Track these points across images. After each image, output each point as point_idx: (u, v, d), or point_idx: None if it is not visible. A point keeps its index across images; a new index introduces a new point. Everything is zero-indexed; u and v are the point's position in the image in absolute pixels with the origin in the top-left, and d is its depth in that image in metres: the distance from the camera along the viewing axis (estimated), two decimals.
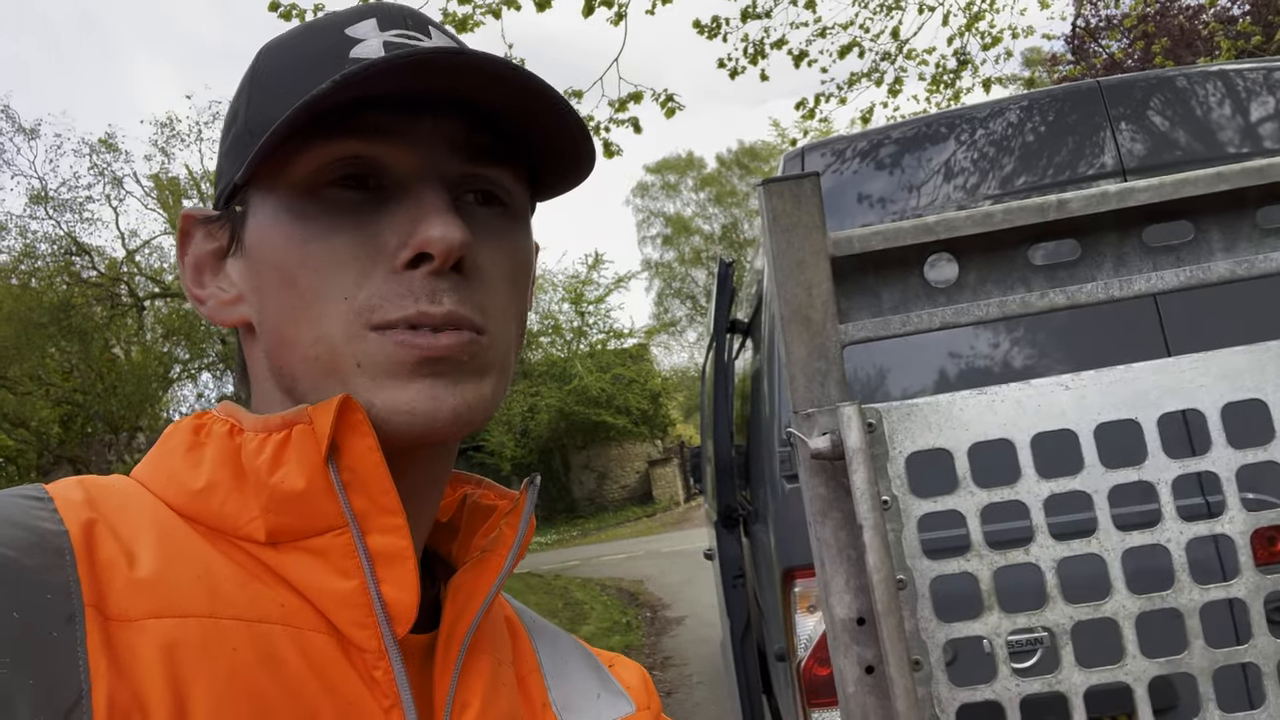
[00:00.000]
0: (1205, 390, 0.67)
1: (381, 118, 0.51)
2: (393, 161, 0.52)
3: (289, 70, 0.54)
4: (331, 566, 0.49)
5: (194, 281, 0.58)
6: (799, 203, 0.66)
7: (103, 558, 0.44)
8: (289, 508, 0.49)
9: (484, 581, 0.56)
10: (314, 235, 0.51)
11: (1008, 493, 0.68)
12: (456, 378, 0.52)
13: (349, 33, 0.53)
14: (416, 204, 0.51)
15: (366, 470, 0.49)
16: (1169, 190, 0.66)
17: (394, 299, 0.50)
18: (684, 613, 9.02)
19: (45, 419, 17.57)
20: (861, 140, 2.45)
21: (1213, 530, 0.68)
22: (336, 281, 0.51)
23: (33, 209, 18.46)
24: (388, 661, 0.49)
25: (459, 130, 0.53)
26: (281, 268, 0.52)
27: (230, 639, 0.45)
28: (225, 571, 0.48)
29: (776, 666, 2.44)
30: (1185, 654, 0.67)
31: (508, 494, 0.64)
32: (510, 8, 4.88)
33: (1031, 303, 0.67)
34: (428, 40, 0.54)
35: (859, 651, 0.65)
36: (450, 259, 0.50)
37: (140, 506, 0.49)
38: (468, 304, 0.52)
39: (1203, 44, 10.06)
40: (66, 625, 0.41)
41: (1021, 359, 2.21)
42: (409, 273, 0.51)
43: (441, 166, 0.53)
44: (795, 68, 6.61)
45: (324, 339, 0.51)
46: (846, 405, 0.63)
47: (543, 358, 23.28)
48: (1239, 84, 2.39)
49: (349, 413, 0.49)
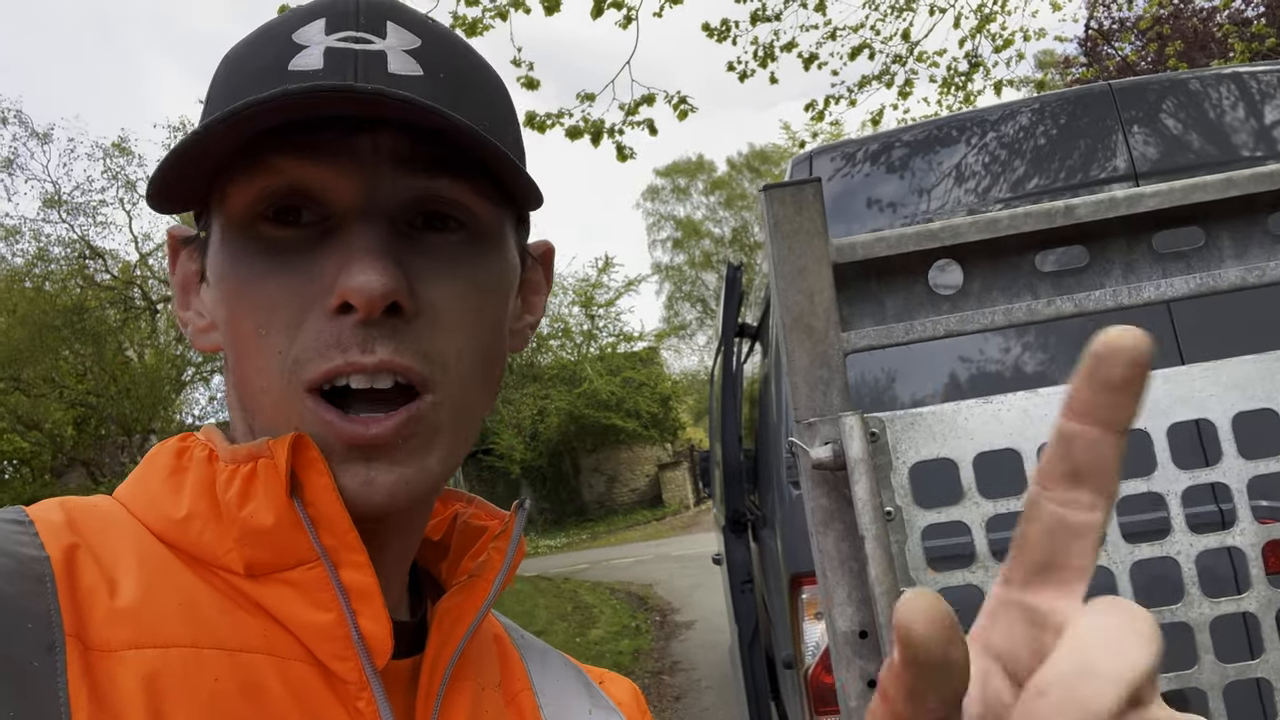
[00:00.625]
0: (1216, 399, 0.66)
1: (313, 138, 0.48)
2: (328, 188, 0.49)
3: (230, 85, 0.51)
4: (308, 599, 0.48)
5: (181, 303, 0.57)
6: (801, 208, 0.65)
7: (84, 585, 0.43)
8: (261, 542, 0.48)
9: (470, 607, 0.55)
10: (249, 279, 0.49)
11: (1014, 504, 0.67)
12: (394, 459, 0.49)
13: (295, 38, 0.50)
14: (346, 243, 0.48)
15: (326, 508, 0.48)
16: (1178, 195, 0.65)
17: (322, 350, 0.48)
18: (693, 617, 8.99)
19: (59, 421, 17.68)
20: (871, 143, 2.43)
21: (1223, 542, 0.67)
22: (271, 332, 0.49)
23: (46, 213, 18.59)
24: (370, 693, 0.48)
25: (402, 144, 0.49)
26: (226, 309, 0.51)
27: (212, 669, 0.44)
28: (207, 600, 0.47)
29: (784, 673, 2.43)
30: (1195, 669, 0.65)
31: (498, 514, 0.62)
32: (519, 10, 4.88)
33: (1038, 310, 0.66)
34: (378, 40, 0.50)
35: (861, 665, 0.64)
36: (375, 309, 0.47)
37: (122, 531, 0.48)
38: (407, 351, 0.49)
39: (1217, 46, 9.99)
40: (47, 655, 0.40)
41: (1033, 367, 2.19)
42: (341, 319, 0.48)
43: (384, 189, 0.49)
44: (805, 70, 6.59)
45: (268, 392, 0.50)
46: (849, 415, 0.62)
47: (553, 361, 23.29)
48: (1253, 86, 2.36)
49: (304, 449, 0.48)
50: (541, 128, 5.28)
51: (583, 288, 23.75)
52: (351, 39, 0.50)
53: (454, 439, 0.52)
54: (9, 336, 16.74)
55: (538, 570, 14.23)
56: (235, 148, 0.48)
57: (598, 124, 5.42)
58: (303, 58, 0.49)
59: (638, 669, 7.21)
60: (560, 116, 5.37)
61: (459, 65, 0.53)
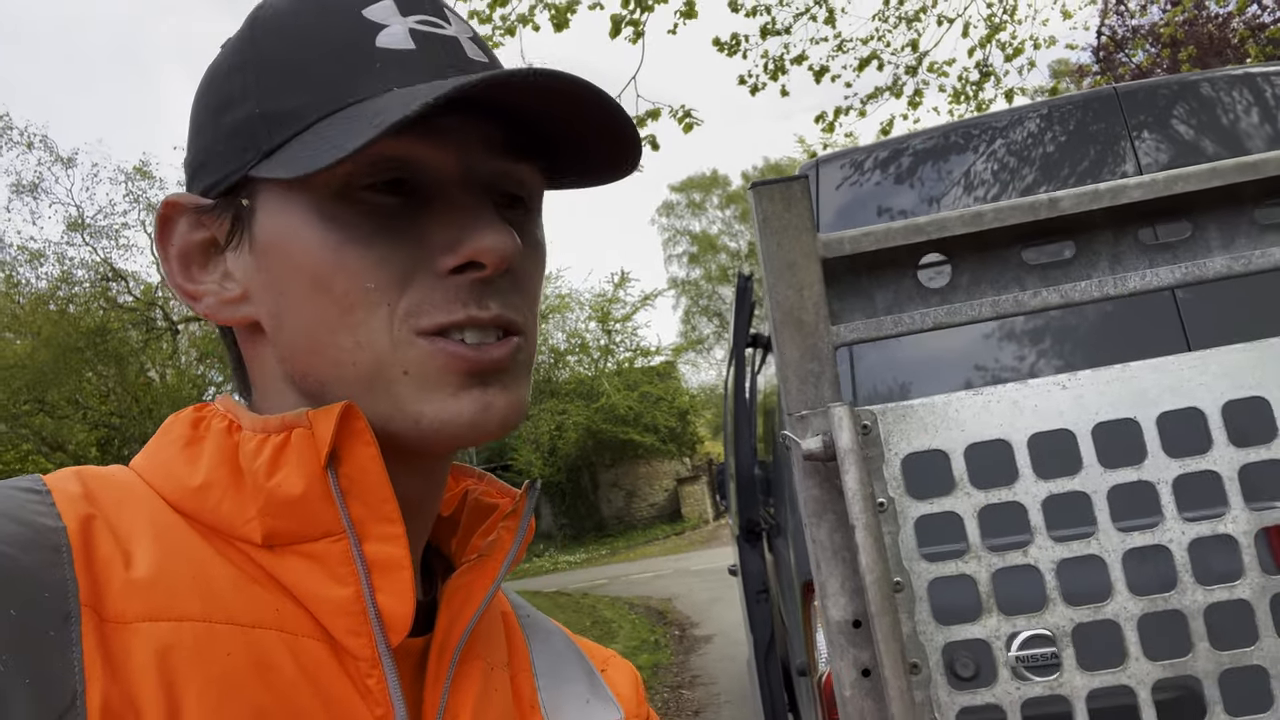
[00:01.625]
0: (1205, 388, 0.67)
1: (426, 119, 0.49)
2: (429, 163, 0.51)
3: (310, 59, 0.51)
4: (327, 573, 0.49)
5: (182, 274, 0.55)
6: (789, 205, 0.66)
7: (100, 556, 0.44)
8: (286, 512, 0.49)
9: (479, 586, 0.55)
10: (350, 240, 0.50)
11: (1005, 494, 0.67)
12: (505, 384, 0.52)
13: (367, 15, 0.51)
14: (460, 210, 0.51)
15: (368, 478, 0.49)
16: (1161, 187, 0.66)
17: (441, 304, 0.50)
18: (712, 631, 8.95)
19: (83, 442, 17.88)
20: (878, 151, 2.44)
21: (1215, 530, 0.67)
22: (377, 287, 0.50)
23: (70, 236, 18.88)
24: (381, 670, 0.49)
25: (495, 129, 0.52)
26: (313, 272, 0.50)
27: (224, 644, 0.44)
28: (221, 573, 0.47)
29: (800, 681, 2.42)
30: (1190, 656, 0.65)
31: (509, 491, 0.63)
32: (527, 26, 4.93)
33: (1025, 302, 0.67)
34: (447, 26, 0.53)
35: (855, 654, 0.65)
36: (503, 268, 0.51)
37: (137, 502, 0.49)
38: (511, 307, 0.53)
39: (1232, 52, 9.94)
40: (63, 625, 0.41)
41: (1036, 361, 2.19)
42: (454, 278, 0.51)
43: (477, 167, 0.52)
44: (817, 83, 6.61)
45: (367, 345, 0.50)
46: (838, 406, 0.63)
47: (570, 376, 23.32)
48: (1263, 88, 2.35)
49: (352, 419, 0.49)
50: None
51: (599, 303, 23.79)
52: (427, 22, 0.52)
53: (530, 380, 0.57)
54: (33, 359, 16.98)
55: (557, 586, 14.22)
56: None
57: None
58: (388, 37, 0.51)
59: (657, 683, 7.18)
60: None
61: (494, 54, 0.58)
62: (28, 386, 16.94)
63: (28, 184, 18.58)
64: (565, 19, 4.88)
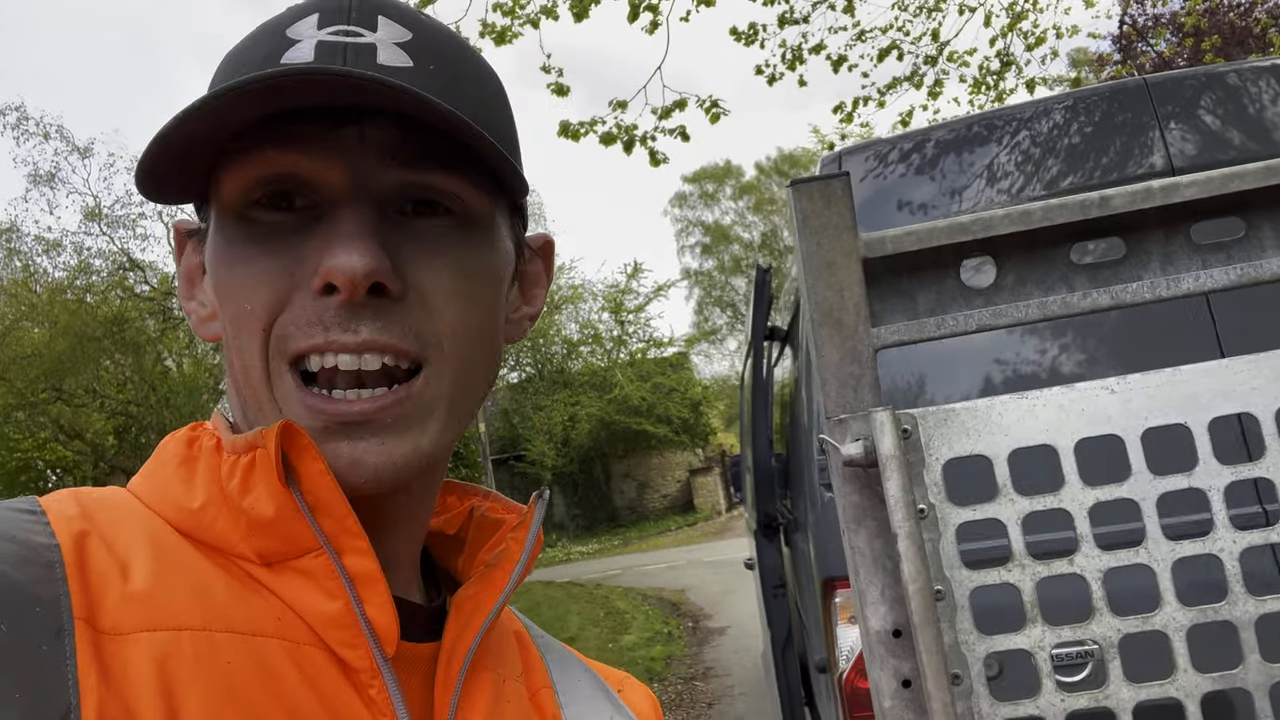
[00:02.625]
0: (1259, 392, 0.64)
1: (302, 129, 0.49)
2: (317, 176, 0.50)
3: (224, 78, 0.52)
4: (318, 587, 0.49)
5: (185, 294, 0.58)
6: (829, 203, 0.64)
7: (95, 571, 0.44)
8: (265, 531, 0.49)
9: (488, 596, 0.55)
10: (238, 259, 0.50)
11: (1051, 500, 0.65)
12: (381, 438, 0.50)
13: (288, 34, 0.51)
14: (333, 226, 0.49)
15: (323, 493, 0.49)
16: (1216, 185, 0.64)
17: (305, 327, 0.49)
18: (726, 623, 8.96)
19: (100, 430, 18.04)
20: (902, 143, 2.41)
21: (1269, 539, 0.65)
22: (254, 309, 0.50)
23: (87, 226, 18.99)
24: (382, 680, 0.49)
25: (389, 137, 0.50)
26: (219, 293, 0.52)
27: (225, 652, 0.44)
28: (221, 585, 0.47)
29: (818, 678, 2.41)
30: (1240, 669, 0.64)
31: (516, 508, 0.63)
32: (549, 18, 4.91)
33: (1073, 303, 0.65)
34: (369, 34, 0.51)
35: (895, 664, 0.63)
36: (357, 289, 0.47)
37: (134, 520, 0.49)
38: (395, 330, 0.49)
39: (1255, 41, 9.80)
40: (55, 639, 0.41)
41: (1067, 363, 2.16)
42: (325, 299, 0.48)
43: (371, 178, 0.50)
44: (835, 72, 6.56)
45: (250, 370, 0.51)
46: (880, 411, 0.62)
47: (583, 367, 23.34)
48: None
49: (294, 436, 0.48)
50: (576, 136, 5.31)
51: (612, 294, 23.78)
52: (343, 33, 0.51)
53: (448, 418, 0.53)
54: (51, 348, 17.11)
55: (570, 576, 14.26)
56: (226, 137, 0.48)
57: (630, 130, 5.44)
58: (295, 51, 0.50)
59: (670, 675, 7.19)
60: (594, 124, 5.41)
61: (449, 57, 0.54)
62: (45, 375, 17.08)
63: (45, 174, 18.69)
64: (586, 9, 4.86)
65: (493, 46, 4.91)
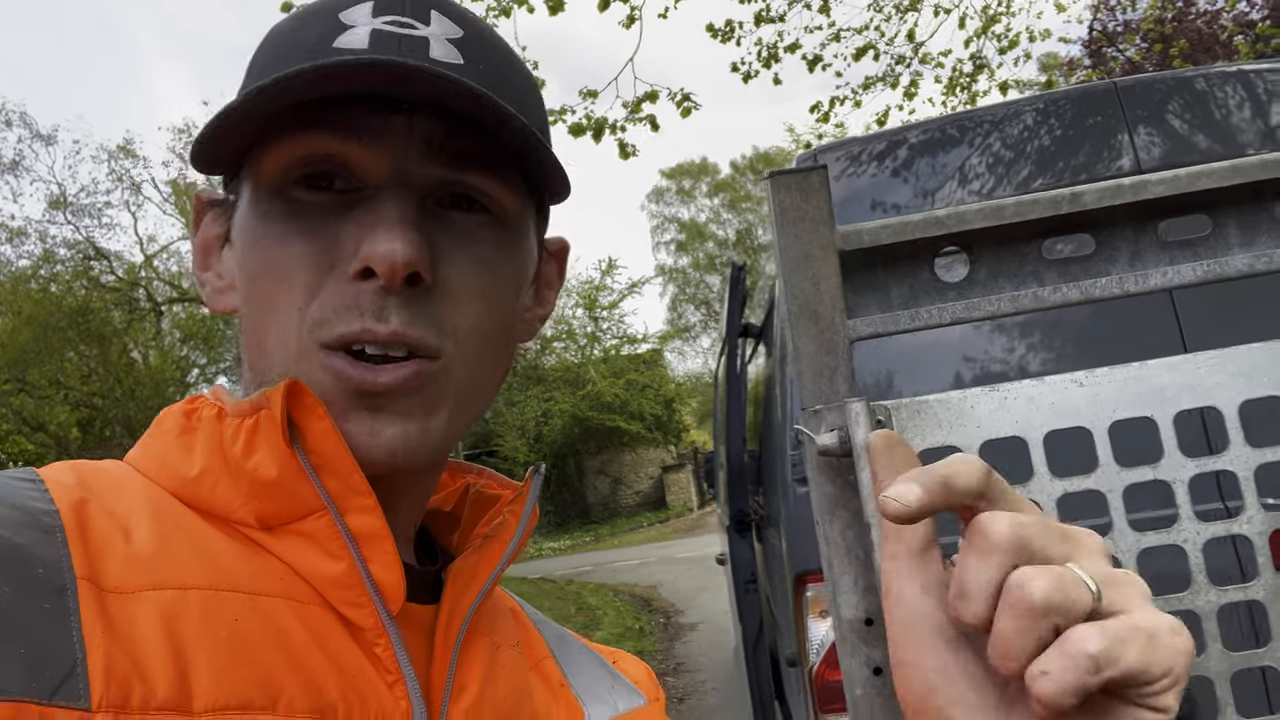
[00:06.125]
0: (1222, 387, 0.66)
1: (352, 115, 0.49)
2: (361, 162, 0.50)
3: (273, 56, 0.52)
4: (320, 549, 0.49)
5: (200, 264, 0.58)
6: (807, 196, 0.65)
7: (96, 534, 0.44)
8: (268, 493, 0.49)
9: (485, 566, 0.56)
10: (275, 238, 0.51)
11: (1019, 491, 0.66)
12: (399, 411, 0.50)
13: (342, 18, 0.51)
14: (374, 212, 0.49)
15: (329, 451, 0.49)
16: (1184, 183, 0.65)
17: (341, 312, 0.49)
18: (697, 619, 8.99)
19: (64, 422, 17.73)
20: (876, 142, 2.43)
21: (1230, 531, 0.66)
22: (291, 290, 0.50)
23: (52, 214, 18.66)
24: (388, 638, 0.49)
25: (438, 131, 0.51)
26: (249, 268, 0.52)
27: (232, 609, 0.45)
28: (224, 547, 0.48)
29: (789, 672, 2.42)
30: (1202, 657, 0.65)
31: (510, 484, 0.63)
32: (522, 8, 4.89)
33: (1044, 297, 0.66)
34: (422, 27, 0.52)
35: (867, 653, 0.64)
36: (396, 276, 0.48)
37: (134, 487, 0.49)
38: (420, 322, 0.50)
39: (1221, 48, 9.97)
40: (58, 597, 0.41)
41: (1033, 359, 2.19)
42: (361, 284, 0.49)
43: (413, 170, 0.51)
44: (810, 72, 6.59)
45: (280, 348, 0.51)
46: (854, 401, 0.62)
47: (556, 363, 23.29)
48: (1257, 85, 2.36)
49: (299, 395, 0.49)
50: None
51: (587, 289, 23.75)
52: (397, 23, 0.51)
53: (459, 407, 0.53)
54: (14, 338, 16.80)
55: (542, 572, 14.23)
56: (276, 116, 0.48)
57: (600, 120, 5.42)
58: (348, 36, 0.50)
59: None
60: (563, 113, 5.38)
61: (498, 59, 0.55)
62: (8, 366, 16.78)
63: (8, 162, 18.34)
64: (561, 2, 4.84)
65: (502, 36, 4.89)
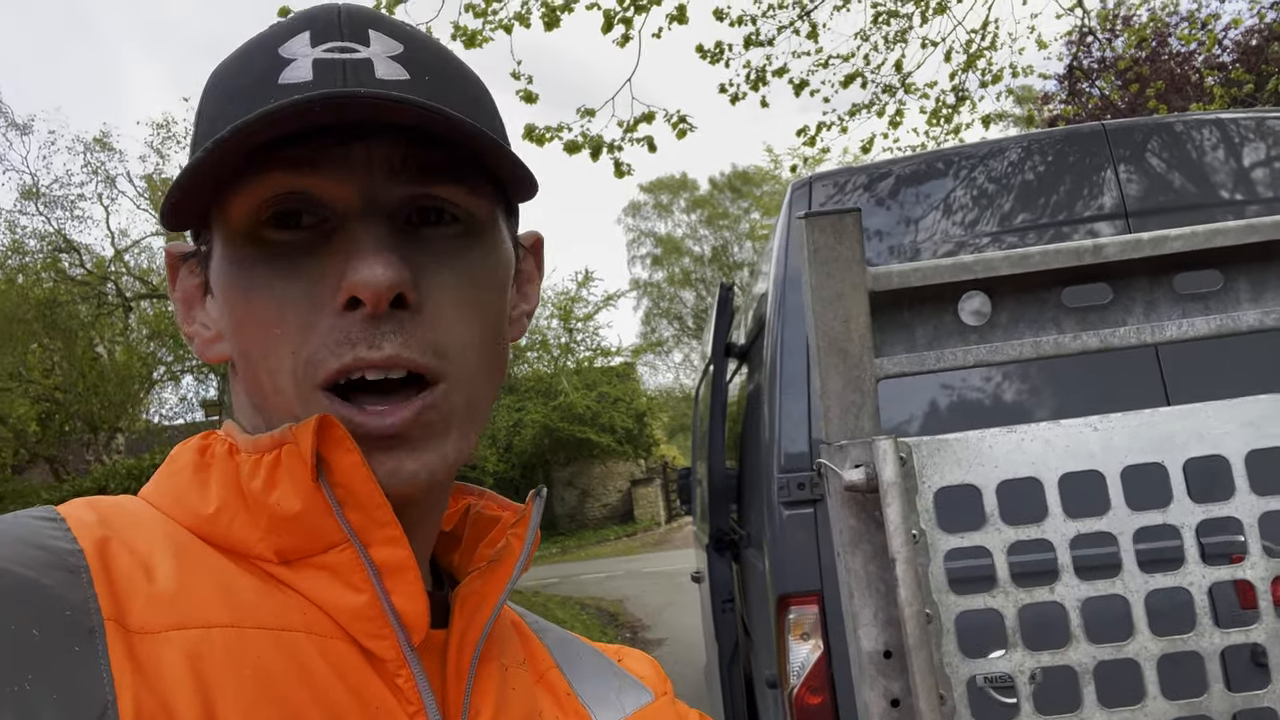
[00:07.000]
0: (1230, 436, 0.68)
1: (310, 149, 0.49)
2: (327, 193, 0.50)
3: (221, 105, 0.52)
4: (342, 581, 0.49)
5: (185, 318, 0.58)
6: (840, 237, 0.67)
7: (120, 573, 0.45)
8: (289, 528, 0.49)
9: (492, 590, 0.56)
10: (255, 284, 0.50)
11: (1034, 531, 0.68)
12: (413, 446, 0.51)
13: (281, 52, 0.51)
14: (350, 241, 0.49)
15: (357, 485, 0.49)
16: (1201, 239, 0.68)
17: (334, 348, 0.49)
18: (664, 634, 8.97)
19: (23, 416, 17.35)
20: (867, 173, 2.47)
21: (1234, 575, 0.69)
22: (283, 334, 0.50)
23: (23, 204, 18.33)
24: (409, 670, 0.50)
25: (396, 151, 0.50)
26: (234, 316, 0.52)
27: (255, 647, 0.45)
28: (245, 583, 0.48)
29: (765, 693, 2.44)
30: (1205, 697, 0.67)
31: (510, 505, 0.64)
32: (521, 24, 4.91)
33: (1065, 344, 0.68)
34: (363, 49, 0.51)
35: (885, 684, 0.66)
36: (381, 301, 0.48)
37: (152, 524, 0.50)
38: (415, 344, 0.50)
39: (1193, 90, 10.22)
40: (87, 640, 0.41)
41: (1024, 402, 2.23)
42: (348, 315, 0.49)
43: (380, 194, 0.50)
44: (796, 96, 6.67)
45: (282, 392, 0.51)
46: (883, 439, 0.64)
47: (529, 373, 23.20)
48: (1234, 132, 2.43)
49: (329, 429, 0.49)
50: (540, 141, 5.29)
51: (562, 301, 23.71)
52: (337, 49, 0.51)
53: (466, 425, 0.54)
54: None
55: None
56: (235, 163, 0.48)
57: (597, 139, 5.44)
58: (291, 70, 0.50)
59: None
60: (560, 130, 5.40)
61: (441, 67, 0.55)
62: None
63: None
64: (556, 18, 4.87)
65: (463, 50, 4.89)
